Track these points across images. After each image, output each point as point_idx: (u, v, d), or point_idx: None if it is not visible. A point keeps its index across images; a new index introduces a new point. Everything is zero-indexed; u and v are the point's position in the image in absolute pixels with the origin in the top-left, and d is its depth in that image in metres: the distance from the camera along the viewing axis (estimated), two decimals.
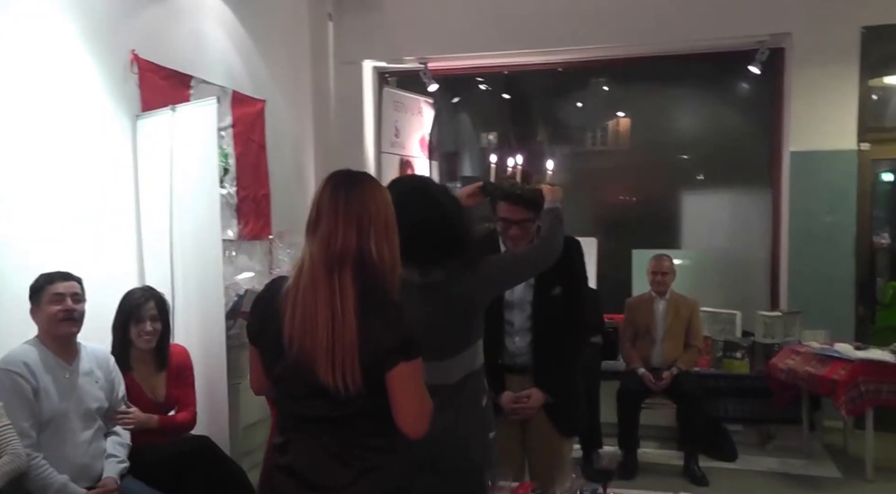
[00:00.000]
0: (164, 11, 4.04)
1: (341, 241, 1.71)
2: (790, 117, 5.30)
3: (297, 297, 1.71)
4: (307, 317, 1.69)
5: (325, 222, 1.74)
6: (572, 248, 3.05)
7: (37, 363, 2.73)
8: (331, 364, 1.67)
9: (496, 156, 3.26)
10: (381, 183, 1.89)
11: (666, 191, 6.39)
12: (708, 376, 4.99)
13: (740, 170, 6.03)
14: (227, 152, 4.59)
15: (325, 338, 1.67)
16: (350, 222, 1.72)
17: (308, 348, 1.69)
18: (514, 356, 2.95)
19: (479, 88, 6.82)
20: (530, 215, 2.83)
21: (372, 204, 1.77)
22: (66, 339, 2.84)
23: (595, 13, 5.45)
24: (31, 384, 2.67)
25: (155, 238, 3.63)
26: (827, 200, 5.22)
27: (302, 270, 1.74)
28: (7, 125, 3.05)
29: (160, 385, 3.25)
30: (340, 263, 1.70)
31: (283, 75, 5.26)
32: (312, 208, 1.78)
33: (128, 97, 3.70)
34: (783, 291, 5.41)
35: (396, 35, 5.83)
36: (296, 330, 1.70)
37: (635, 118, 6.64)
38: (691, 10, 5.32)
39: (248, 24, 4.82)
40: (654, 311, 4.89)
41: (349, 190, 1.77)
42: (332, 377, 1.67)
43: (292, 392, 1.78)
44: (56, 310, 2.78)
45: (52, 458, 2.66)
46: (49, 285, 2.80)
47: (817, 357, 4.57)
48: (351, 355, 1.66)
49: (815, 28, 5.12)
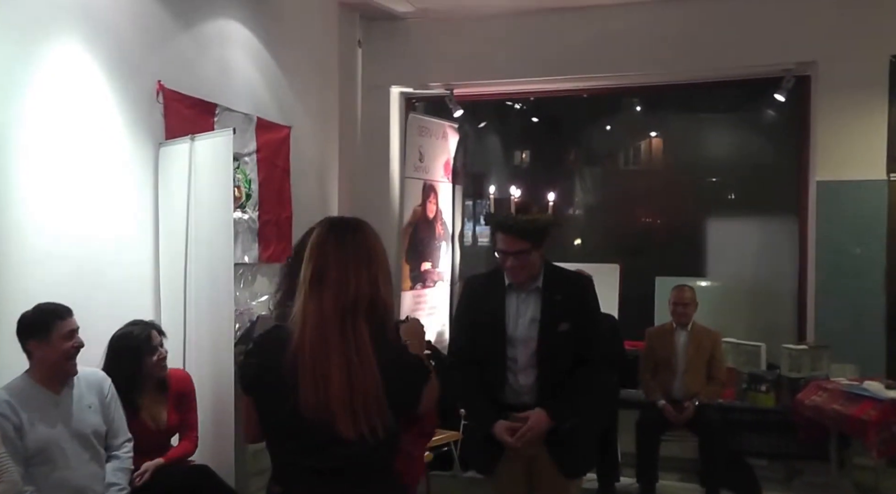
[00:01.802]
0: (190, 41, 4.14)
1: (354, 288, 1.71)
2: (816, 146, 5.21)
3: (304, 351, 1.69)
4: (319, 371, 1.67)
5: (335, 271, 1.72)
6: (584, 284, 3.02)
7: (20, 398, 2.73)
8: (351, 417, 1.66)
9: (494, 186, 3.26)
10: (394, 209, 1.95)
11: (692, 216, 6.32)
12: (732, 408, 4.88)
13: (767, 197, 5.93)
14: (250, 178, 4.68)
15: (342, 391, 1.66)
16: (361, 268, 1.73)
17: (322, 401, 1.66)
18: (518, 395, 2.87)
19: (507, 111, 6.86)
20: (526, 246, 2.79)
21: (376, 246, 1.80)
22: (70, 374, 2.87)
23: (621, 41, 5.45)
24: (13, 421, 2.69)
25: (171, 264, 3.70)
26: (855, 231, 5.09)
27: (306, 323, 1.70)
28: (33, 153, 3.15)
29: (161, 412, 3.29)
30: (354, 311, 1.70)
31: (310, 101, 5.35)
32: (314, 259, 1.75)
33: (153, 125, 3.80)
34: (810, 323, 5.27)
35: (423, 62, 5.89)
36: (307, 384, 1.67)
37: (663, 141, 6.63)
38: (716, 38, 5.28)
39: (275, 52, 4.92)
40: (676, 342, 4.81)
41: (355, 235, 1.78)
42: (354, 428, 1.66)
43: (300, 444, 1.75)
44: (69, 347, 2.81)
45: (47, 487, 2.69)
46: (60, 321, 2.80)
47: (845, 395, 4.41)
48: (377, 404, 1.67)
49: (842, 57, 5.04)
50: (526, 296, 2.90)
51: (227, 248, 3.48)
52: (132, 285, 3.66)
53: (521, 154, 7.28)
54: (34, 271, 3.12)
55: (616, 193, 6.81)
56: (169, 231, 3.75)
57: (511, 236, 2.80)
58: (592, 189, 6.80)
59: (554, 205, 3.09)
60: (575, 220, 6.76)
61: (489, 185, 5.79)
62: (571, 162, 6.88)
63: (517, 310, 2.89)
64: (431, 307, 6.04)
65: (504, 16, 5.67)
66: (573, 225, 6.70)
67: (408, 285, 5.83)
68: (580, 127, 6.78)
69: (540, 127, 6.99)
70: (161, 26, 3.89)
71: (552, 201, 3.08)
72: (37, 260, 3.14)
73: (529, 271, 2.86)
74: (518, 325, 2.87)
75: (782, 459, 4.97)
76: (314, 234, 1.79)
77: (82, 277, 3.34)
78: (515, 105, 6.83)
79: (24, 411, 2.73)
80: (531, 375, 2.85)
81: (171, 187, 3.75)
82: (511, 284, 2.91)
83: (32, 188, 3.15)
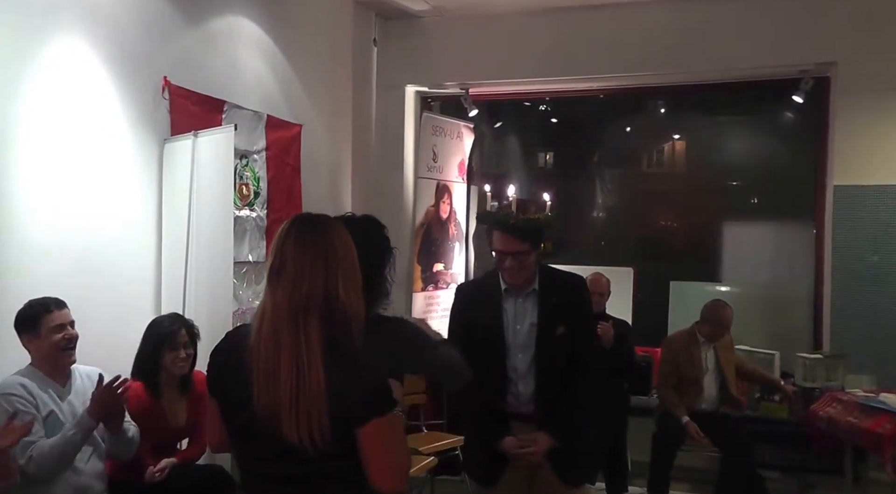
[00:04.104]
0: (198, 37, 4.13)
1: (308, 286, 1.62)
2: (834, 150, 5.08)
3: (259, 348, 1.62)
4: (270, 370, 1.60)
5: (291, 266, 1.65)
6: (579, 285, 2.95)
7: (33, 388, 2.76)
8: (295, 420, 1.56)
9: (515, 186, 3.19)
10: (408, 210, 1.85)
11: (708, 220, 6.23)
12: (744, 418, 4.77)
13: (784, 202, 5.84)
14: (259, 176, 4.68)
15: (288, 392, 1.57)
16: (317, 266, 1.64)
17: (272, 403, 1.59)
18: (519, 404, 2.81)
19: (525, 111, 6.81)
20: (525, 246, 2.71)
21: (339, 246, 1.69)
22: (67, 366, 2.89)
23: (637, 41, 5.37)
24: (30, 401, 2.72)
25: (174, 261, 3.71)
26: (873, 237, 4.96)
27: (263, 319, 1.64)
28: (36, 148, 3.17)
29: (181, 410, 3.31)
30: (306, 310, 1.61)
31: (323, 99, 5.33)
32: (275, 253, 1.70)
33: (158, 121, 3.80)
34: (826, 332, 5.14)
35: (439, 60, 5.87)
36: (259, 384, 1.60)
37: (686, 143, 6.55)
38: (733, 38, 5.18)
39: (287, 49, 4.91)
40: (702, 359, 4.62)
41: (315, 233, 1.70)
42: (298, 433, 1.56)
43: (257, 451, 1.68)
44: (58, 339, 2.81)
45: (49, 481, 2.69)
46: (47, 314, 2.80)
47: (860, 407, 4.28)
48: (318, 409, 1.56)
49: (862, 58, 4.91)
50: (523, 300, 2.83)
51: (226, 246, 3.47)
52: (135, 282, 3.67)
53: (540, 155, 7.22)
54: (37, 267, 3.13)
55: (635, 195, 6.74)
56: (172, 228, 3.75)
57: (511, 237, 2.73)
58: (612, 192, 6.73)
59: (551, 205, 3.02)
60: (594, 222, 6.69)
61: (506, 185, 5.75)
62: (594, 164, 6.81)
63: (515, 316, 2.83)
64: (444, 309, 5.99)
65: (520, 14, 5.62)
66: (592, 227, 6.64)
67: (419, 286, 5.79)
68: (600, 128, 6.71)
69: (558, 128, 6.93)
70: (167, 22, 3.89)
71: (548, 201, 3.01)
72: (40, 256, 3.15)
73: (527, 273, 2.79)
74: (517, 332, 2.81)
75: (796, 472, 4.86)
76: (280, 228, 1.74)
77: (85, 272, 3.35)
78: (540, 106, 6.77)
79: (41, 400, 2.76)
80: (531, 383, 2.79)
81: (175, 183, 3.75)
82: (507, 288, 2.84)
83: (36, 184, 3.16)
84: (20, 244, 3.08)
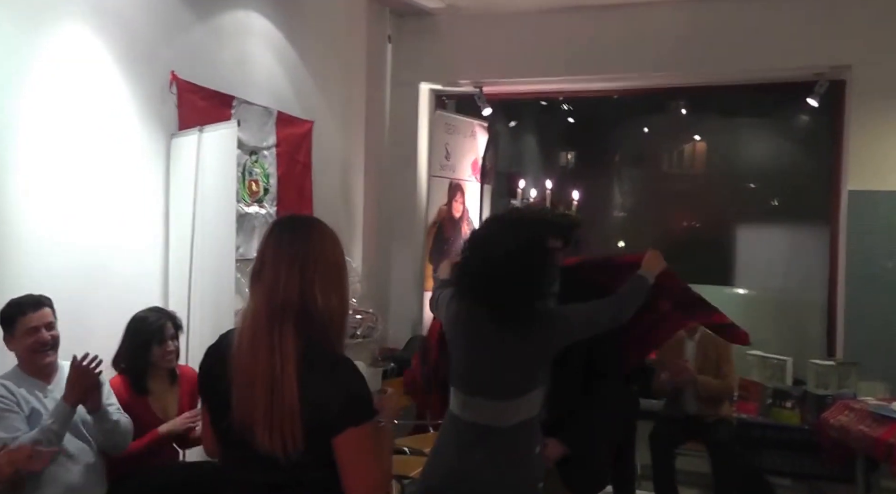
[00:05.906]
0: (207, 32, 4.13)
1: (283, 290, 1.59)
2: (849, 154, 4.98)
3: (238, 356, 1.61)
4: (245, 381, 1.58)
5: (269, 270, 1.62)
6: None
7: (15, 387, 2.74)
8: (268, 427, 1.54)
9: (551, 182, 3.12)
10: (421, 208, 1.84)
11: (723, 222, 6.16)
12: (755, 424, 4.71)
13: (799, 205, 5.76)
14: (268, 172, 4.68)
15: (263, 398, 1.55)
16: (293, 269, 1.60)
17: (247, 412, 1.57)
18: None
19: (542, 110, 6.77)
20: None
21: (318, 248, 1.64)
22: (46, 366, 2.85)
23: (652, 40, 5.30)
24: (11, 399, 2.71)
25: (179, 257, 3.72)
26: (887, 243, 4.86)
27: (244, 325, 1.62)
28: (42, 142, 3.19)
29: (171, 404, 3.29)
30: (283, 314, 1.58)
31: (335, 96, 5.32)
32: (257, 256, 1.68)
33: (165, 116, 3.80)
34: (839, 338, 5.05)
35: (453, 58, 5.83)
36: (237, 390, 1.59)
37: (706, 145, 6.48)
38: (748, 39, 5.09)
39: (298, 45, 4.90)
40: (683, 353, 4.55)
41: (293, 234, 1.66)
42: (271, 441, 1.54)
43: (235, 456, 1.67)
44: (31, 342, 2.76)
45: (41, 479, 2.68)
46: (21, 316, 2.74)
47: (873, 416, 4.19)
48: (290, 419, 1.53)
49: (878, 61, 4.82)
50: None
51: (229, 242, 3.48)
52: (143, 277, 3.68)
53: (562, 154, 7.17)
54: (43, 262, 3.15)
55: (651, 196, 6.68)
56: (179, 224, 3.77)
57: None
58: (631, 192, 6.68)
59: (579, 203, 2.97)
60: (611, 222, 6.64)
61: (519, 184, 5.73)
62: (616, 164, 6.76)
63: None
64: None
65: (535, 13, 5.57)
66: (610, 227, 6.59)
67: (430, 284, 5.78)
68: (617, 128, 6.65)
69: (575, 128, 6.87)
70: (176, 15, 3.89)
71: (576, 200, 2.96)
72: (46, 251, 3.17)
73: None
74: None
75: (806, 479, 4.78)
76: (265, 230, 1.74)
77: (90, 268, 3.37)
78: (562, 106, 6.72)
79: (24, 400, 2.75)
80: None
81: (182, 179, 3.76)
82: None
83: (43, 178, 3.19)
84: (26, 239, 3.10)
